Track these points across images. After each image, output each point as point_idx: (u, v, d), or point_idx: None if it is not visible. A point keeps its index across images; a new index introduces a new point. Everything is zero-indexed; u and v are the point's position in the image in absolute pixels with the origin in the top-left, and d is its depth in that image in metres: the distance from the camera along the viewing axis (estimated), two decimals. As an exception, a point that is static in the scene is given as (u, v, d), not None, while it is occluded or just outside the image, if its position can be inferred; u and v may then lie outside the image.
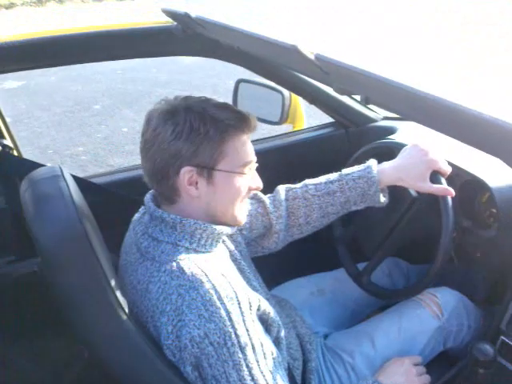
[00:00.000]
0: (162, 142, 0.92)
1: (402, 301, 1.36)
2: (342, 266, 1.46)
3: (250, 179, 1.02)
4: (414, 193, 1.33)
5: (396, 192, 1.28)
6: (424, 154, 1.19)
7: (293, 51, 0.75)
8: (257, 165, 1.04)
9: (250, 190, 1.03)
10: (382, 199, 1.22)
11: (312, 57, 0.72)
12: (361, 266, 1.44)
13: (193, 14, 1.11)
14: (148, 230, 0.99)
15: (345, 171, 1.23)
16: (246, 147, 0.99)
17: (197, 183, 0.95)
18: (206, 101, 0.97)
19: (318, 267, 1.52)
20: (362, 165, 1.22)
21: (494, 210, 1.29)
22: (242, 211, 1.04)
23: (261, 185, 1.05)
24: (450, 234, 1.19)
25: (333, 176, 1.23)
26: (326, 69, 0.73)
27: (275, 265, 1.40)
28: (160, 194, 0.99)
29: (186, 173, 0.93)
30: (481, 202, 1.34)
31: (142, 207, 1.06)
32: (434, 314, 1.29)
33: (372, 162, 1.22)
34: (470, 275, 1.43)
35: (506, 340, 1.22)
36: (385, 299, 1.43)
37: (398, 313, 1.32)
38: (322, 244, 1.48)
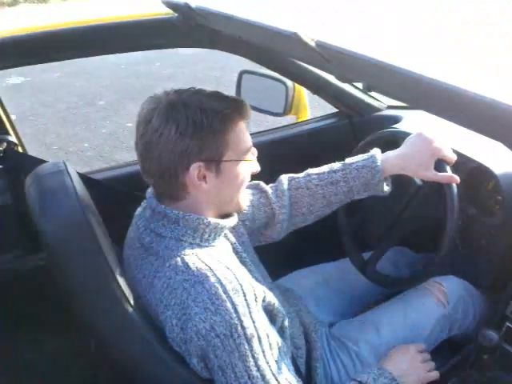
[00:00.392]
0: (167, 141, 0.91)
1: (408, 289, 1.36)
2: (347, 255, 1.46)
3: (252, 164, 1.03)
4: (418, 181, 1.32)
5: (401, 181, 1.28)
6: (428, 143, 1.18)
7: (294, 38, 0.75)
8: (256, 151, 1.04)
9: (250, 174, 1.04)
10: (386, 188, 1.21)
11: (313, 44, 0.72)
12: (366, 255, 1.44)
13: (193, 5, 1.10)
14: (150, 225, 0.99)
15: (348, 160, 1.22)
16: (246, 133, 1.00)
17: (205, 177, 0.95)
18: (199, 92, 0.96)
19: (322, 257, 1.52)
20: (366, 154, 1.21)
21: (500, 198, 1.29)
22: (244, 197, 1.05)
23: (259, 168, 1.05)
24: (455, 221, 1.18)
25: (336, 165, 1.23)
26: (328, 56, 0.72)
27: (280, 255, 1.40)
28: (164, 192, 0.99)
29: (195, 169, 0.93)
30: (486, 190, 1.33)
31: (144, 201, 1.07)
32: (439, 302, 1.29)
33: (376, 152, 1.21)
34: (476, 263, 1.42)
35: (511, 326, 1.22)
36: (390, 288, 1.43)
37: (403, 301, 1.33)
38: (327, 234, 1.47)
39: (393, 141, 1.32)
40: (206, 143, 0.93)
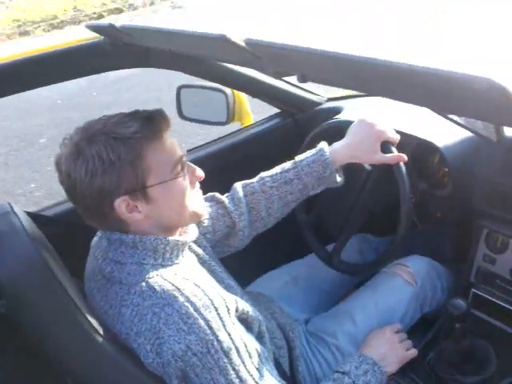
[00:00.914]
0: (82, 185, 0.88)
1: (375, 275, 1.38)
2: (312, 250, 1.46)
3: (187, 175, 0.97)
4: (367, 166, 1.34)
5: (351, 169, 1.30)
6: (371, 127, 1.20)
7: (223, 40, 0.75)
8: (188, 157, 0.99)
9: (193, 182, 0.99)
10: (339, 179, 1.23)
11: (242, 43, 0.72)
12: (331, 247, 1.45)
13: (117, 24, 1.09)
14: (108, 254, 0.96)
15: (298, 158, 1.23)
16: (168, 147, 0.93)
17: (137, 207, 0.91)
18: (107, 121, 0.91)
19: (290, 256, 1.52)
20: (314, 149, 1.22)
21: (447, 169, 1.33)
22: (197, 204, 1.00)
23: (201, 172, 1.00)
24: (408, 198, 1.21)
25: (287, 165, 1.23)
26: (258, 53, 0.72)
27: (246, 263, 1.39)
28: (109, 229, 0.95)
29: (121, 204, 0.89)
30: (433, 164, 1.37)
31: (99, 231, 1.04)
32: (407, 282, 1.31)
33: (323, 145, 1.22)
34: (436, 237, 1.46)
35: (477, 292, 1.26)
36: (357, 275, 1.44)
37: (372, 287, 1.34)
38: (290, 232, 1.48)
39: (337, 131, 1.34)
40: (122, 176, 0.88)
